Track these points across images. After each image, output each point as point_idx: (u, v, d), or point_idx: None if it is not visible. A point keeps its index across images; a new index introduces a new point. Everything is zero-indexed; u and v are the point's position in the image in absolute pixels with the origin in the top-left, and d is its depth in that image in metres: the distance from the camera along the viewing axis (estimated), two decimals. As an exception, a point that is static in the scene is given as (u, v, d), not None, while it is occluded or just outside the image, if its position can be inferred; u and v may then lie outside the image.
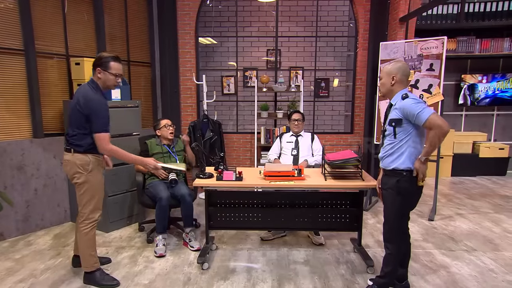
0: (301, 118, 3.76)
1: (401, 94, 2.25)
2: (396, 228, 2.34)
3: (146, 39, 4.73)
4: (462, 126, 6.24)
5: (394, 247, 2.33)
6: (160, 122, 3.52)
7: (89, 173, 2.44)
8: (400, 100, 2.23)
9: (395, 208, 2.31)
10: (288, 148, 3.73)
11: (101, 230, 3.58)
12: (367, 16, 4.88)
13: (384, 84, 2.34)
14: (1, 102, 3.31)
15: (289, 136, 3.80)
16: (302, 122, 3.77)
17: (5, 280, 2.65)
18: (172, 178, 3.23)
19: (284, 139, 3.81)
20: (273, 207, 3.07)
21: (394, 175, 2.28)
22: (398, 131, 2.25)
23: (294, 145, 3.72)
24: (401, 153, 2.25)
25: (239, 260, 3.00)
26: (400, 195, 2.27)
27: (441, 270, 2.83)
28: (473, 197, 4.84)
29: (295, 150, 3.68)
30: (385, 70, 2.32)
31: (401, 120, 2.22)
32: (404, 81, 2.30)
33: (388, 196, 2.34)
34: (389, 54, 4.20)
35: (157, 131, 3.50)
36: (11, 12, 3.31)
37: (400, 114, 2.21)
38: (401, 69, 2.27)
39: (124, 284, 2.60)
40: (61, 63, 3.76)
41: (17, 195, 3.40)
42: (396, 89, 2.30)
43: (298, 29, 6.39)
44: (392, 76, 2.28)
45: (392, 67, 2.29)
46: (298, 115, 3.76)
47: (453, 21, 5.54)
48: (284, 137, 3.85)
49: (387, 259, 2.38)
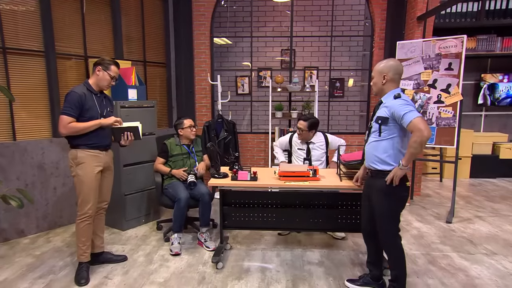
0: (305, 128, 3.37)
1: (394, 93, 2.21)
2: (392, 230, 2.30)
3: (162, 40, 4.79)
4: (482, 126, 6.10)
5: (396, 249, 2.30)
6: (184, 122, 3.47)
7: (77, 166, 2.57)
8: (392, 99, 2.19)
9: (387, 210, 2.26)
10: (300, 156, 3.51)
11: (117, 228, 3.64)
12: (384, 15, 4.82)
13: (375, 83, 2.31)
14: (22, 102, 3.40)
15: (300, 143, 3.52)
16: (308, 132, 3.39)
17: (26, 275, 2.73)
18: (191, 181, 3.24)
19: (295, 145, 3.55)
20: (287, 207, 3.07)
21: (381, 176, 2.24)
22: (383, 130, 2.22)
23: (306, 153, 3.48)
24: (386, 154, 2.22)
25: (253, 260, 3.00)
26: (389, 196, 2.23)
27: (459, 274, 2.77)
28: (492, 200, 4.72)
29: (307, 161, 3.45)
30: (377, 69, 2.28)
31: (387, 119, 2.19)
32: (396, 80, 2.25)
33: (377, 199, 2.29)
34: (406, 53, 4.14)
35: (180, 130, 3.46)
36: (33, 15, 3.41)
37: (388, 113, 2.18)
38: (393, 67, 2.23)
39: (140, 282, 2.63)
40: (80, 64, 3.84)
41: (37, 193, 3.49)
42: (387, 88, 2.26)
43: (313, 28, 6.36)
44: (383, 75, 2.24)
45: (384, 66, 2.25)
46: (302, 124, 3.38)
47: (473, 19, 5.41)
48: (295, 141, 3.57)
49: (392, 263, 2.34)
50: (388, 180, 2.18)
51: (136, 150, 3.53)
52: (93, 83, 2.63)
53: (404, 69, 4.16)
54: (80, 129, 2.52)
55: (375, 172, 2.30)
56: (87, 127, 2.54)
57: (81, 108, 2.52)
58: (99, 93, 2.67)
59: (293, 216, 3.06)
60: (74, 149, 2.58)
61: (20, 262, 2.94)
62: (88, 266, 2.71)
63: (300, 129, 3.39)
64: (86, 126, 2.54)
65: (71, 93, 2.50)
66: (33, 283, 2.61)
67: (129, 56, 4.30)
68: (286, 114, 4.98)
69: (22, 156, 3.37)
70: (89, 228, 2.66)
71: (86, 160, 2.57)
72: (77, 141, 2.56)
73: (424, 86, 4.05)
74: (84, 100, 2.53)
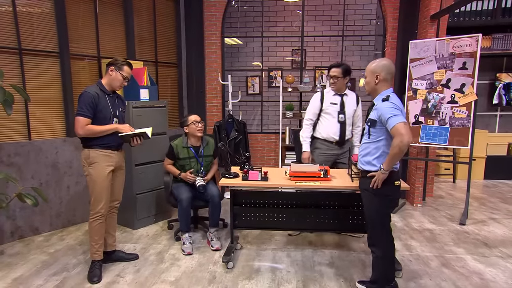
0: (340, 74, 3.08)
1: (384, 95, 2.20)
2: (379, 230, 2.29)
3: (173, 40, 4.83)
4: (497, 127, 5.98)
5: (380, 250, 2.28)
6: (188, 118, 3.27)
7: (90, 165, 2.60)
8: (381, 101, 2.18)
9: (375, 209, 2.26)
10: (332, 111, 3.17)
11: (128, 227, 3.68)
12: (396, 14, 4.76)
13: (368, 83, 2.30)
14: (37, 102, 3.47)
15: (332, 96, 3.20)
16: (343, 79, 3.11)
17: (40, 272, 2.78)
18: (200, 184, 3.16)
19: (327, 99, 3.21)
20: (298, 207, 3.06)
21: (369, 177, 2.24)
22: (372, 132, 2.22)
23: (340, 107, 3.17)
24: (374, 156, 2.23)
25: (264, 260, 3.00)
26: (378, 195, 2.22)
27: (473, 277, 2.72)
28: (508, 201, 4.63)
29: (342, 114, 3.16)
30: (369, 68, 2.28)
31: (375, 122, 2.19)
32: (389, 79, 2.25)
33: (366, 198, 2.31)
34: (419, 53, 4.09)
35: (185, 128, 3.29)
36: (48, 17, 3.47)
37: (376, 115, 2.18)
38: (386, 67, 2.22)
39: (151, 281, 2.66)
40: (93, 65, 3.90)
41: (51, 191, 3.55)
42: (380, 88, 2.25)
43: (324, 28, 6.33)
44: (376, 75, 2.23)
45: (376, 66, 2.24)
46: (336, 70, 3.10)
47: (488, 18, 5.30)
48: (326, 95, 3.23)
49: (375, 263, 2.32)
50: (371, 184, 2.20)
51: (148, 150, 3.56)
52: (105, 83, 2.66)
53: (417, 68, 4.12)
54: (97, 132, 2.56)
55: (364, 172, 2.32)
56: (104, 131, 2.58)
57: (95, 108, 2.55)
58: (112, 93, 2.70)
59: (304, 217, 3.05)
60: (86, 148, 2.62)
61: (35, 259, 3.00)
62: (100, 264, 2.74)
63: (334, 76, 3.12)
64: (103, 130, 2.58)
65: (84, 93, 2.54)
66: (48, 280, 2.66)
67: (141, 57, 4.34)
68: (297, 114, 4.96)
69: (37, 156, 3.43)
70: (101, 227, 2.70)
71: (98, 159, 2.60)
72: (89, 141, 2.60)
73: (437, 86, 3.99)
74: (97, 100, 2.56)
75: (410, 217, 4.06)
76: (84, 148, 2.63)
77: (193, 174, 3.24)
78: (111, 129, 2.61)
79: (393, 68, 2.26)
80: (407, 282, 2.65)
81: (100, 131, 2.57)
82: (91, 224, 2.67)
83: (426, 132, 4.10)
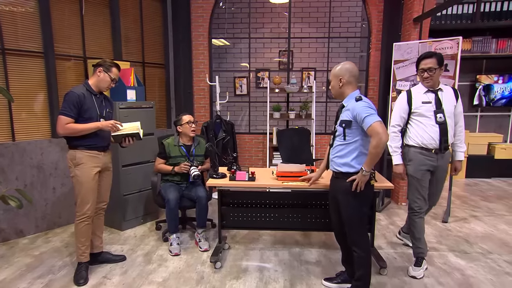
0: (435, 65, 2.54)
1: (354, 96, 2.20)
2: (359, 230, 2.30)
3: (161, 41, 4.79)
4: (477, 127, 6.12)
5: (362, 248, 2.30)
6: (182, 118, 3.29)
7: (76, 167, 2.56)
8: (353, 101, 2.18)
9: (354, 210, 2.26)
10: (426, 111, 2.60)
11: (116, 228, 3.63)
12: (380, 16, 4.83)
13: (333, 87, 2.29)
14: (21, 103, 3.39)
15: (423, 93, 2.63)
16: (439, 69, 2.58)
17: (25, 275, 2.72)
18: (195, 174, 3.14)
19: (417, 99, 2.64)
20: (285, 207, 3.07)
21: (345, 177, 2.23)
22: (347, 133, 2.21)
23: (436, 105, 2.59)
24: (352, 157, 2.21)
25: (252, 260, 3.00)
26: (355, 196, 2.22)
27: (455, 273, 2.78)
28: (488, 199, 4.74)
29: (440, 114, 2.58)
30: (333, 72, 2.28)
31: (351, 122, 2.18)
32: (353, 82, 2.24)
33: (344, 200, 2.28)
34: (402, 54, 4.15)
35: (178, 127, 3.30)
36: (32, 16, 3.40)
37: (351, 115, 2.17)
38: (349, 70, 2.22)
39: (138, 282, 2.63)
40: (79, 65, 3.83)
41: (36, 193, 3.48)
42: (346, 91, 2.25)
43: (311, 30, 6.37)
44: (340, 78, 2.23)
45: (340, 69, 2.24)
46: (430, 61, 2.55)
47: (468, 21, 5.43)
48: (416, 94, 2.66)
49: (358, 262, 2.33)
50: (353, 187, 2.18)
51: (135, 150, 3.52)
52: (92, 84, 2.62)
53: (401, 70, 4.18)
54: (77, 131, 2.51)
55: (340, 174, 2.28)
56: (85, 129, 2.52)
57: (80, 109, 2.51)
58: (99, 94, 2.66)
59: (292, 216, 3.06)
60: (72, 150, 2.57)
61: (19, 262, 2.93)
62: (87, 266, 2.70)
63: (430, 69, 2.56)
64: (84, 128, 2.52)
65: (70, 93, 2.50)
66: (32, 283, 2.60)
67: (128, 57, 4.29)
68: (284, 114, 4.98)
69: (21, 157, 3.35)
70: (88, 229, 2.65)
71: (84, 160, 2.56)
72: (75, 142, 2.55)
73: (420, 87, 4.05)
74: (83, 101, 2.52)
75: (395, 215, 4.12)
76: (70, 149, 2.59)
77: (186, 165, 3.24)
78: (93, 128, 2.54)
79: (356, 71, 2.25)
80: (392, 279, 2.69)
81: (81, 129, 2.51)
82: (77, 226, 2.62)
83: (409, 132, 4.15)
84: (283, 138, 4.21)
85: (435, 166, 2.68)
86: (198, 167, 3.25)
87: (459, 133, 2.75)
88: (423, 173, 2.67)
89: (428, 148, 2.64)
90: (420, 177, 2.67)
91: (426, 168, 2.67)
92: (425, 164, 2.66)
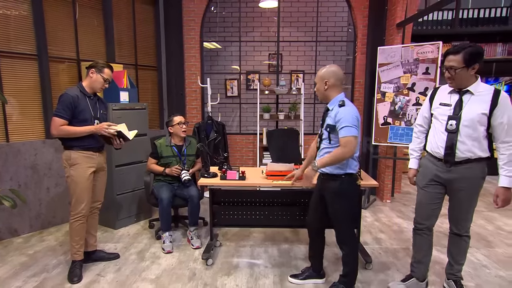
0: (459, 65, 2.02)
1: (339, 100, 2.16)
2: (347, 229, 2.31)
3: (153, 44, 4.75)
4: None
5: (350, 247, 2.32)
6: (174, 118, 3.30)
7: (71, 167, 2.53)
8: (337, 107, 2.14)
9: (343, 210, 2.25)
10: (440, 115, 2.18)
11: (109, 227, 3.60)
12: (365, 22, 4.87)
13: (318, 89, 2.25)
14: (16, 104, 3.33)
15: (447, 93, 2.18)
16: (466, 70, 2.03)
17: (19, 274, 2.67)
18: (185, 178, 3.15)
19: (438, 99, 2.22)
20: (275, 205, 3.08)
21: (333, 179, 2.23)
22: (332, 137, 2.18)
23: (454, 110, 2.11)
24: None
25: (242, 256, 3.00)
26: (343, 197, 2.23)
27: (436, 266, 2.82)
28: (467, 196, 4.81)
29: (453, 120, 2.09)
30: (318, 75, 2.23)
31: (335, 127, 2.14)
32: (338, 85, 2.19)
33: (331, 201, 2.28)
34: (386, 58, 4.20)
35: (170, 128, 3.31)
36: (25, 19, 3.34)
37: (334, 120, 2.14)
38: (334, 73, 2.18)
39: (131, 279, 2.61)
40: (72, 67, 3.78)
41: (31, 193, 3.42)
42: (331, 94, 2.20)
43: (299, 34, 6.39)
44: (325, 81, 2.19)
45: (325, 72, 2.20)
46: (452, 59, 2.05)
47: (448, 27, 5.53)
48: (439, 94, 2.24)
49: (345, 259, 2.35)
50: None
51: (128, 151, 3.49)
52: (86, 86, 2.59)
53: (385, 73, 4.23)
54: (71, 133, 2.48)
55: (327, 175, 2.26)
56: (79, 132, 2.49)
57: (74, 110, 2.47)
58: (93, 95, 2.63)
59: (281, 214, 3.07)
60: (68, 150, 2.54)
61: (13, 261, 2.88)
62: (81, 264, 2.67)
63: (451, 68, 2.05)
64: (78, 131, 2.49)
65: (64, 95, 2.46)
66: (26, 282, 2.56)
67: (121, 60, 4.25)
68: (274, 115, 4.99)
69: (15, 157, 3.29)
70: (82, 228, 2.62)
71: (79, 161, 2.53)
72: (70, 143, 2.52)
73: (403, 89, 4.11)
74: (77, 102, 2.49)
75: (380, 212, 4.16)
76: (65, 149, 2.55)
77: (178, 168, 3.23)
78: (87, 131, 2.51)
79: (341, 74, 2.20)
80: (377, 273, 2.72)
81: (75, 132, 2.48)
82: (72, 224, 2.59)
83: (394, 133, 4.21)
84: (272, 138, 4.22)
85: (445, 179, 2.20)
86: (189, 171, 3.24)
87: (504, 151, 2.04)
88: (428, 183, 2.28)
89: (435, 157, 2.23)
90: (423, 186, 2.31)
91: (432, 178, 2.25)
92: (431, 173, 2.25)
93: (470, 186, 2.18)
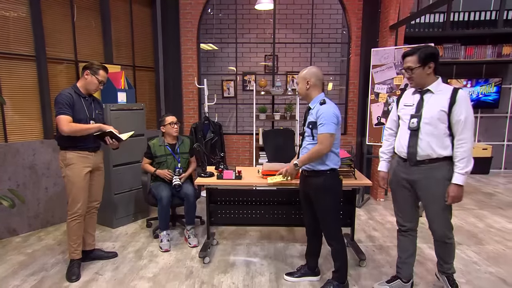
0: (415, 64, 2.11)
1: (320, 99, 2.24)
2: (334, 224, 2.33)
3: (150, 45, 4.74)
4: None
5: (338, 242, 2.34)
6: (166, 118, 3.31)
7: (67, 167, 2.53)
8: (318, 105, 2.22)
9: (328, 205, 2.28)
10: (404, 115, 2.22)
11: (107, 226, 3.59)
12: (359, 24, 4.90)
13: (301, 89, 2.32)
14: (14, 105, 3.31)
15: (411, 94, 2.23)
16: (421, 68, 2.11)
17: (17, 273, 2.66)
18: (175, 183, 3.14)
19: (403, 100, 2.28)
20: (271, 204, 3.09)
21: (317, 175, 2.27)
22: (315, 133, 2.24)
23: (416, 109, 2.15)
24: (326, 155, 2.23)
25: (239, 255, 3.01)
26: (328, 192, 2.27)
27: (428, 263, 2.85)
28: (458, 195, 4.85)
29: (415, 118, 2.13)
30: (301, 75, 2.30)
31: (316, 123, 2.22)
32: (319, 85, 2.27)
33: (315, 197, 2.31)
34: (380, 59, 4.22)
35: (162, 127, 3.32)
36: (24, 21, 3.32)
37: (315, 117, 2.21)
38: (315, 74, 2.26)
39: (129, 277, 2.60)
40: (70, 68, 3.76)
41: (29, 193, 3.40)
42: (312, 93, 2.28)
43: (294, 36, 6.40)
44: (307, 81, 2.26)
45: (306, 73, 2.27)
46: (409, 60, 2.14)
47: (439, 29, 5.58)
48: (404, 96, 2.30)
49: (335, 255, 2.38)
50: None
51: (125, 150, 3.48)
52: (81, 86, 2.58)
53: (378, 74, 4.25)
54: (82, 129, 2.47)
55: (312, 172, 2.30)
56: (88, 128, 2.50)
57: (72, 108, 2.47)
58: (87, 96, 2.62)
59: (277, 213, 3.08)
60: (63, 150, 2.54)
61: (12, 260, 2.87)
62: (79, 263, 2.66)
63: (409, 69, 2.13)
64: (87, 128, 2.50)
65: (61, 94, 2.45)
66: (25, 280, 2.55)
67: (119, 61, 4.24)
68: (270, 116, 5.00)
69: (14, 157, 3.27)
70: (79, 227, 2.61)
71: (75, 161, 2.52)
72: (66, 143, 2.51)
73: (396, 90, 4.14)
74: (73, 102, 2.48)
75: (374, 210, 4.19)
76: (61, 150, 2.55)
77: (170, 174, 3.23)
78: (95, 128, 2.52)
79: (321, 75, 2.29)
80: (371, 271, 2.74)
81: (86, 128, 2.48)
82: (69, 224, 2.58)
83: (386, 133, 4.23)
84: (268, 138, 4.23)
85: (410, 180, 2.22)
86: (181, 176, 3.25)
87: (457, 148, 2.05)
88: (397, 186, 2.31)
89: (400, 157, 2.26)
90: (394, 188, 2.35)
91: (398, 180, 2.29)
92: (397, 175, 2.29)
93: (434, 187, 2.16)
